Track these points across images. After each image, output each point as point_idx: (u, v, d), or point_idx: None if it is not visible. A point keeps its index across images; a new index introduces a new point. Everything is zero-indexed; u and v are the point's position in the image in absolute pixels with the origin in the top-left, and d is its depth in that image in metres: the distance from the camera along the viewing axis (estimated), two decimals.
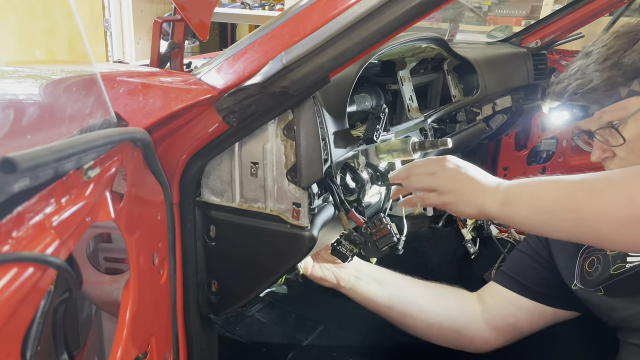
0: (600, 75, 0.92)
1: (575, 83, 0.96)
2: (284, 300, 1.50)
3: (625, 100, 0.91)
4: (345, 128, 0.92)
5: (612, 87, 0.91)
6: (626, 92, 0.90)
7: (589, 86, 0.93)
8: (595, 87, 0.92)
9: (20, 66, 1.07)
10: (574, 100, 0.97)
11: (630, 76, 0.90)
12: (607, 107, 0.93)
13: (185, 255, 0.85)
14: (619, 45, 0.92)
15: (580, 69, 0.96)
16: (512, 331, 1.08)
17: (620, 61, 0.91)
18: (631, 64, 0.89)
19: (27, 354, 0.45)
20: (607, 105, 0.92)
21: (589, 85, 0.93)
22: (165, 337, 0.81)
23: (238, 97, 0.73)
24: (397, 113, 1.25)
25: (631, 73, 0.90)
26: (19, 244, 0.43)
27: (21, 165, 0.40)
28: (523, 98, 1.72)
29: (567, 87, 0.97)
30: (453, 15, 2.16)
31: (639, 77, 0.89)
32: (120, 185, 0.63)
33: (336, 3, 0.72)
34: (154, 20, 0.98)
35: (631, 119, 0.90)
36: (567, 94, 0.97)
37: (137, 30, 3.19)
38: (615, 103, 0.91)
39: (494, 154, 1.91)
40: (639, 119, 0.90)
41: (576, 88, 0.95)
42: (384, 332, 1.38)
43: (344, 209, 0.87)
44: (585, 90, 0.94)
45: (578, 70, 0.97)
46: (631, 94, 0.90)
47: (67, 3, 0.65)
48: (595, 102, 0.94)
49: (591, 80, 0.93)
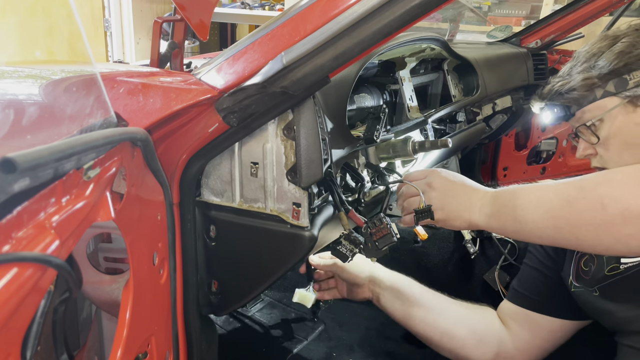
0: (579, 76, 0.97)
1: (558, 84, 1.00)
2: (284, 300, 1.50)
3: (601, 100, 0.94)
4: (345, 128, 0.92)
5: (589, 88, 0.95)
6: (601, 93, 0.94)
7: (567, 87, 0.98)
8: (573, 87, 0.97)
9: (20, 66, 1.07)
10: (554, 100, 1.02)
11: (606, 78, 0.93)
12: (586, 107, 0.96)
13: (185, 255, 0.85)
14: (599, 48, 0.96)
15: (565, 70, 1.01)
16: (538, 353, 1.07)
17: (597, 63, 0.95)
18: (607, 65, 0.93)
19: (27, 354, 0.45)
20: (585, 105, 0.96)
21: (567, 86, 0.98)
22: (165, 337, 0.81)
23: (238, 97, 0.73)
24: (397, 113, 1.25)
25: (606, 75, 0.93)
26: (19, 244, 0.43)
27: (21, 165, 0.40)
28: (523, 98, 1.72)
29: (552, 88, 1.02)
30: (453, 15, 2.16)
31: (614, 79, 0.92)
32: (120, 185, 0.63)
33: (336, 3, 0.72)
34: (154, 20, 0.98)
35: (607, 118, 0.94)
36: (551, 94, 1.02)
37: (137, 30, 3.19)
38: (592, 103, 0.95)
39: (494, 154, 1.91)
40: (613, 117, 0.93)
41: (558, 88, 1.00)
42: (384, 332, 1.38)
43: (344, 209, 0.87)
44: (564, 90, 0.99)
45: (564, 71, 1.02)
46: (606, 95, 0.93)
47: (67, 3, 0.65)
48: (574, 102, 0.98)
49: (570, 81, 0.98)
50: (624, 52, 0.92)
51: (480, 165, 1.93)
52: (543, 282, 1.08)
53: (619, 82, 0.92)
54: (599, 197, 0.72)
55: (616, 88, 0.92)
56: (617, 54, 0.92)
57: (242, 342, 1.32)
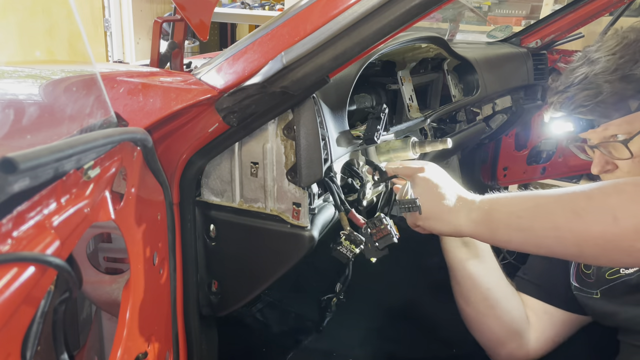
0: (611, 86, 0.87)
1: (582, 94, 0.91)
2: (284, 300, 1.50)
3: (634, 113, 0.87)
4: (345, 128, 0.92)
5: (621, 100, 0.87)
6: (636, 106, 0.87)
7: (599, 99, 0.89)
8: (604, 99, 0.88)
9: (20, 66, 1.07)
10: (581, 113, 0.93)
11: None
12: (614, 121, 0.89)
13: (185, 255, 0.85)
14: (630, 55, 0.87)
15: (586, 77, 0.91)
16: (551, 345, 1.06)
17: (631, 72, 0.86)
18: None
19: (27, 354, 0.45)
20: (615, 119, 0.89)
21: (598, 98, 0.89)
22: (165, 337, 0.81)
23: (238, 97, 0.73)
24: (397, 113, 1.25)
25: None
26: (19, 244, 0.43)
27: (21, 165, 0.40)
28: (523, 98, 1.72)
29: (574, 98, 0.93)
30: (453, 15, 2.16)
31: None
32: (120, 185, 0.63)
33: (336, 3, 0.72)
34: (154, 20, 0.98)
35: None
36: (574, 105, 0.93)
37: (137, 30, 3.19)
38: (625, 116, 0.88)
39: (494, 154, 1.91)
40: None
41: (584, 99, 0.91)
42: (384, 332, 1.38)
43: (344, 209, 0.87)
44: (595, 102, 0.89)
45: (585, 78, 0.92)
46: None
47: (67, 3, 0.65)
48: (602, 115, 0.90)
49: (600, 92, 0.88)
50: None
51: (480, 165, 1.93)
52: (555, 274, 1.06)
53: None
54: (610, 210, 0.65)
55: None
56: None
57: (242, 342, 1.32)
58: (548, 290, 1.06)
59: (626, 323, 0.89)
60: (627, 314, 0.88)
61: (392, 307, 1.48)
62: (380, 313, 1.44)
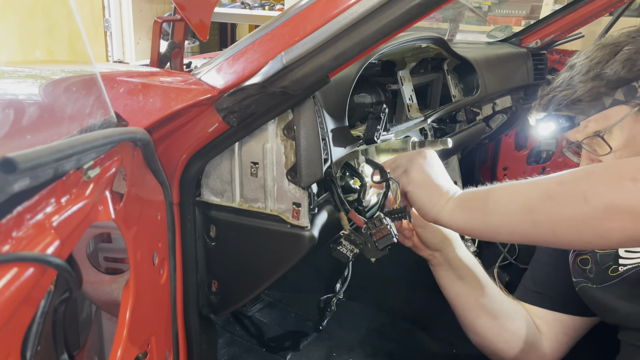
0: (584, 85, 0.95)
1: (560, 94, 0.98)
2: (284, 300, 1.50)
3: (609, 109, 0.93)
4: (345, 128, 0.92)
5: (596, 97, 0.94)
6: (610, 102, 0.92)
7: (574, 97, 0.96)
8: (579, 97, 0.95)
9: (20, 66, 1.07)
10: (559, 111, 0.99)
11: (613, 86, 0.92)
12: (592, 117, 0.95)
13: (185, 255, 0.85)
14: (601, 57, 0.95)
15: (564, 81, 0.99)
16: (565, 350, 1.06)
17: (602, 72, 0.93)
18: (613, 73, 0.92)
19: (27, 354, 0.45)
20: (592, 115, 0.94)
21: (573, 96, 0.96)
22: (165, 337, 0.81)
23: (238, 97, 0.73)
24: (397, 113, 1.25)
25: (614, 83, 0.92)
26: (19, 244, 0.43)
27: (21, 165, 0.40)
28: (523, 98, 1.72)
29: (553, 99, 0.99)
30: (453, 15, 2.16)
31: (622, 87, 0.91)
32: (120, 185, 0.63)
33: (336, 3, 0.72)
34: (154, 20, 0.98)
35: (616, 127, 0.92)
36: (553, 104, 1.00)
37: (137, 30, 3.20)
38: (599, 112, 0.94)
39: (494, 154, 1.92)
40: (623, 127, 0.92)
41: (561, 99, 0.98)
42: (384, 332, 1.38)
43: (344, 209, 0.87)
44: (570, 100, 0.96)
45: (563, 82, 1.00)
46: (615, 103, 0.92)
47: (67, 3, 0.64)
48: (580, 112, 0.96)
49: (575, 91, 0.96)
50: (631, 59, 0.91)
51: (480, 165, 1.93)
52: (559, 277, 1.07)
53: (628, 90, 0.90)
54: (581, 191, 0.69)
55: (625, 96, 0.91)
56: (623, 62, 0.91)
57: (242, 342, 1.32)
58: (555, 298, 1.07)
59: (627, 319, 0.89)
60: (628, 309, 0.88)
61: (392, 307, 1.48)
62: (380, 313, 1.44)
